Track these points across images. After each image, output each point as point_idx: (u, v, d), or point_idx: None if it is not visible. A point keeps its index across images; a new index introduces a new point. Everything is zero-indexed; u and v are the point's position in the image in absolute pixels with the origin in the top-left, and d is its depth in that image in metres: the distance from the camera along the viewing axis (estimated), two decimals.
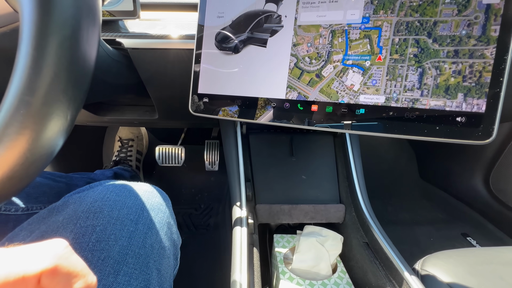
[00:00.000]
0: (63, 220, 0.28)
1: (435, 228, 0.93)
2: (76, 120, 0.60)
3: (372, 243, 0.44)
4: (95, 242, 0.27)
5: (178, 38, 0.45)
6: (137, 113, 0.67)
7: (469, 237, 0.88)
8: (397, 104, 0.31)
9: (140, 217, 0.30)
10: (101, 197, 0.30)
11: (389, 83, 0.32)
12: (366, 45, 0.32)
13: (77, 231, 0.27)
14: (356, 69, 0.33)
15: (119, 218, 0.29)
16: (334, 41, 0.34)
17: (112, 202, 0.30)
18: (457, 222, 0.95)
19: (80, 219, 0.28)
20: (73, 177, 0.64)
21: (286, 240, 0.52)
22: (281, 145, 0.61)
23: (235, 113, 0.39)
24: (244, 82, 0.38)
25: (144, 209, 0.31)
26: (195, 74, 0.41)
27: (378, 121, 0.32)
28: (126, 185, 0.33)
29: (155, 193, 0.35)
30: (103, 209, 0.29)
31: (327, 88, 0.34)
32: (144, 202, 0.32)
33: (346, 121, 0.33)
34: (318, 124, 0.35)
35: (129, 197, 0.31)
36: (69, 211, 0.29)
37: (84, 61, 0.18)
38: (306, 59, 0.35)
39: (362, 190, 0.52)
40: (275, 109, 0.37)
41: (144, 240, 0.29)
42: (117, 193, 0.31)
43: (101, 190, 0.31)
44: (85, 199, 0.30)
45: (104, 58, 0.39)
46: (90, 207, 0.29)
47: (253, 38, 0.38)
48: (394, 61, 0.31)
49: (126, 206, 0.30)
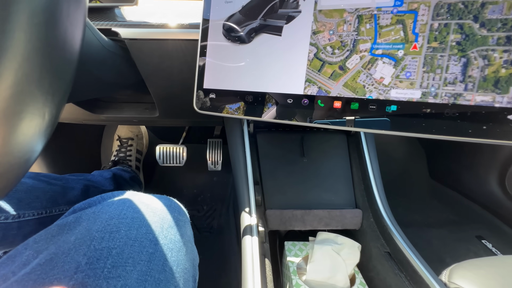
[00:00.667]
0: (75, 240, 0.25)
1: (447, 231, 0.89)
2: (71, 118, 0.54)
3: (395, 253, 0.41)
4: (110, 268, 0.23)
5: (180, 28, 0.41)
6: (136, 111, 0.63)
7: (484, 240, 0.84)
8: (435, 100, 0.27)
9: (159, 237, 0.27)
10: (117, 214, 0.27)
11: (426, 76, 0.27)
12: (399, 31, 0.28)
13: (91, 254, 0.24)
14: (386, 60, 0.29)
15: (137, 238, 0.26)
16: (361, 28, 0.29)
17: (130, 220, 0.27)
18: (470, 224, 0.91)
19: (95, 240, 0.25)
20: (69, 179, 0.60)
21: (298, 248, 0.48)
22: (291, 145, 0.56)
23: (245, 110, 0.35)
24: (256, 76, 0.34)
25: (163, 227, 0.28)
26: (200, 67, 0.37)
27: (412, 119, 0.28)
28: (143, 198, 0.31)
29: (173, 207, 0.33)
30: (120, 228, 0.26)
31: (352, 81, 0.30)
32: (163, 218, 0.29)
33: (374, 119, 0.29)
34: (342, 123, 0.31)
35: (147, 213, 0.29)
36: (82, 229, 0.26)
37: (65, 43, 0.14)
38: (327, 49, 0.31)
39: (381, 194, 0.48)
40: (292, 106, 0.33)
41: (164, 263, 0.26)
42: (135, 209, 0.28)
43: (117, 205, 0.28)
44: (100, 216, 0.27)
45: (98, 49, 0.35)
46: (105, 226, 0.26)
47: (266, 25, 0.33)
48: (433, 50, 0.27)
49: (144, 224, 0.27)
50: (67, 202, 0.54)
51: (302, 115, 0.32)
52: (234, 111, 0.36)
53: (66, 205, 0.54)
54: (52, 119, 0.15)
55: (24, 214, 0.46)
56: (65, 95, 0.16)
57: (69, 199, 0.55)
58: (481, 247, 0.81)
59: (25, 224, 0.45)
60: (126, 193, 0.31)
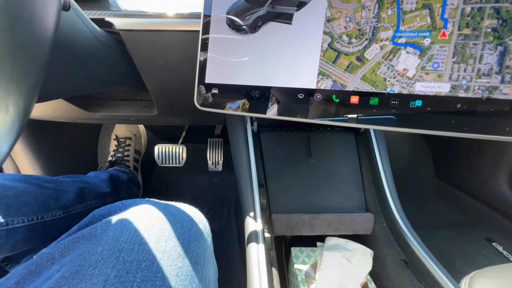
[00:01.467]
0: (102, 251, 0.23)
1: (456, 232, 0.87)
2: (63, 117, 0.50)
3: (413, 261, 0.38)
4: (140, 282, 0.23)
5: (180, 17, 0.37)
6: (133, 109, 0.60)
7: (495, 243, 0.82)
8: (467, 94, 0.24)
9: (187, 250, 0.26)
10: (145, 224, 0.26)
11: (456, 67, 0.24)
12: (426, 17, 0.25)
13: (120, 266, 0.23)
14: (411, 49, 0.26)
15: (166, 251, 0.25)
16: (382, 14, 0.26)
17: (159, 231, 0.26)
18: (479, 225, 0.88)
19: (124, 252, 0.24)
20: (63, 181, 0.57)
21: (306, 254, 0.45)
22: (297, 144, 0.53)
23: (251, 107, 0.32)
24: (264, 69, 0.31)
25: (190, 240, 0.28)
26: (202, 60, 0.34)
27: (440, 116, 0.25)
28: (170, 208, 0.29)
29: (197, 217, 0.32)
30: (149, 239, 0.25)
31: (371, 74, 0.27)
32: (190, 231, 0.29)
33: (396, 116, 0.26)
34: (359, 120, 0.28)
35: (175, 224, 0.28)
36: (109, 239, 0.24)
37: (33, 15, 0.11)
38: (343, 38, 0.28)
39: (394, 196, 0.45)
40: (303, 102, 0.30)
41: (191, 278, 0.25)
42: (162, 219, 0.27)
43: (144, 214, 0.27)
44: (128, 226, 0.26)
45: (89, 39, 0.32)
46: (134, 237, 0.25)
47: (274, 13, 0.30)
48: (464, 37, 0.24)
49: (173, 237, 0.26)
50: (61, 206, 0.51)
51: (315, 112, 0.29)
52: (239, 108, 0.33)
53: (60, 210, 0.51)
54: (19, 113, 0.12)
55: (13, 221, 0.43)
56: (37, 83, 0.13)
57: (62, 203, 0.52)
58: (492, 250, 0.79)
59: (14, 232, 0.42)
60: (150, 201, 0.30)
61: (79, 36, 0.30)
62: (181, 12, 0.38)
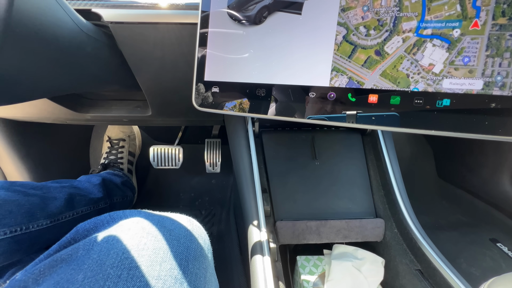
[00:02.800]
0: (84, 280, 0.19)
1: (459, 233, 0.85)
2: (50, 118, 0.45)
3: (429, 271, 0.35)
4: None
5: (176, 8, 0.34)
6: (126, 109, 0.56)
7: (499, 243, 0.80)
8: (502, 92, 0.21)
9: (185, 273, 0.23)
10: (136, 243, 0.22)
11: (490, 61, 0.22)
12: (455, 5, 0.22)
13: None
14: (438, 42, 0.23)
15: (160, 276, 0.21)
16: (404, 2, 0.23)
17: (152, 252, 0.22)
18: (483, 226, 0.87)
19: (109, 280, 0.20)
20: (50, 187, 0.53)
21: (312, 263, 0.43)
22: (301, 146, 0.51)
23: (254, 107, 0.29)
24: (270, 65, 0.28)
25: (188, 260, 0.24)
26: (200, 56, 0.30)
27: (471, 117, 0.22)
28: (164, 222, 0.25)
29: (196, 230, 0.28)
30: (141, 262, 0.21)
31: (392, 70, 0.24)
32: (188, 248, 0.25)
33: (421, 117, 0.23)
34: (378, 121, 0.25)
35: (170, 242, 0.24)
36: (93, 264, 0.20)
37: None
38: (361, 30, 0.25)
39: (405, 201, 0.42)
40: (315, 102, 0.27)
41: None
42: (156, 236, 0.23)
43: (134, 230, 0.23)
44: (115, 245, 0.22)
45: (73, 32, 0.28)
46: (122, 260, 0.21)
47: (281, 2, 0.27)
48: (500, 27, 0.21)
49: (168, 257, 0.23)
50: (48, 215, 0.48)
51: (330, 112, 0.26)
52: (242, 108, 0.29)
53: (47, 219, 0.47)
54: None
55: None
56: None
57: (50, 212, 0.48)
58: (497, 251, 0.77)
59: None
60: (141, 212, 0.26)
61: (61, 28, 0.26)
62: (176, 3, 0.34)
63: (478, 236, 0.84)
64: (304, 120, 0.27)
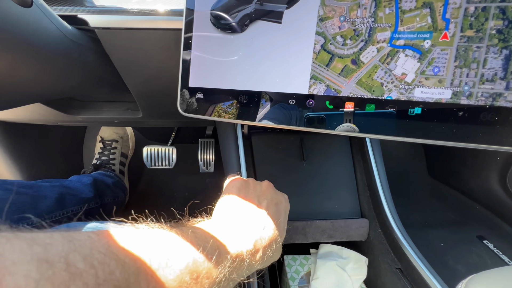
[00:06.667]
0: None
1: (448, 231, 0.87)
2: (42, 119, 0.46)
3: (408, 270, 0.36)
4: None
5: (162, 15, 0.34)
6: (117, 111, 0.56)
7: (486, 240, 0.82)
8: (469, 101, 0.22)
9: None
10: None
11: (458, 72, 0.23)
12: (426, 17, 0.23)
13: None
14: (410, 52, 0.24)
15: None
16: (379, 13, 0.24)
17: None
18: (471, 223, 0.89)
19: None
20: (41, 186, 0.53)
21: (299, 263, 0.44)
22: (290, 148, 0.51)
23: (238, 113, 0.30)
24: (251, 72, 0.29)
25: None
26: (184, 63, 0.31)
27: (440, 124, 0.23)
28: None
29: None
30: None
31: (367, 79, 0.25)
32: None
33: (394, 124, 0.24)
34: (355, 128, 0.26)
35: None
36: None
37: None
38: (338, 39, 0.26)
39: (389, 201, 0.44)
40: (294, 109, 0.28)
41: None
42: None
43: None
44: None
45: (57, 39, 0.28)
46: None
47: (262, 10, 0.28)
48: (467, 39, 0.22)
49: None
50: (38, 213, 0.48)
51: (307, 119, 0.27)
52: (226, 114, 0.30)
53: (37, 217, 0.48)
54: None
55: None
56: None
57: (40, 210, 0.49)
58: (483, 248, 0.79)
59: None
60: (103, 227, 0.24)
61: (45, 35, 0.27)
62: (162, 9, 0.35)
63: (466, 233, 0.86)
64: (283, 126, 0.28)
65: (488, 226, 0.87)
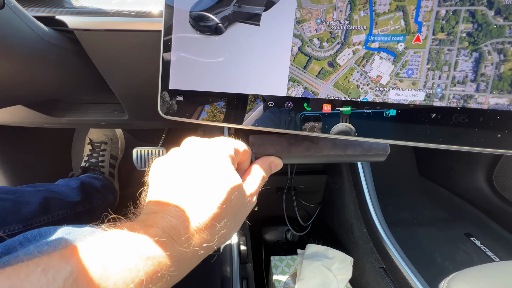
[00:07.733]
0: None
1: (437, 229, 0.88)
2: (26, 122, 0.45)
3: (391, 269, 0.37)
4: None
5: (142, 16, 0.34)
6: (103, 113, 0.56)
7: (473, 237, 0.84)
8: (442, 103, 0.23)
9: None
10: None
11: (431, 74, 0.23)
12: (399, 20, 0.23)
13: None
14: (384, 55, 0.24)
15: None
16: (354, 16, 0.24)
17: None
18: (459, 221, 0.90)
19: None
20: (24, 191, 0.52)
21: (285, 263, 0.44)
22: None
23: (218, 115, 0.30)
24: (231, 74, 0.29)
25: None
26: (164, 65, 0.31)
27: (414, 126, 0.23)
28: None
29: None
30: None
31: (344, 81, 0.25)
32: None
33: (370, 126, 0.25)
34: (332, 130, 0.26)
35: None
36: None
37: None
38: (314, 42, 0.26)
39: (374, 202, 0.44)
40: (273, 111, 0.28)
41: None
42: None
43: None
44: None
45: (34, 42, 0.28)
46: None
47: (241, 13, 0.28)
48: (439, 42, 0.22)
49: None
50: (21, 219, 0.47)
51: (286, 120, 0.27)
52: (206, 116, 0.30)
53: (19, 223, 0.47)
54: None
55: None
56: None
57: (23, 216, 0.48)
58: (470, 245, 0.81)
59: None
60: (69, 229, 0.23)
61: (19, 37, 0.26)
62: (142, 10, 0.34)
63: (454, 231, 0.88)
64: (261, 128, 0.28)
65: (475, 224, 0.88)
